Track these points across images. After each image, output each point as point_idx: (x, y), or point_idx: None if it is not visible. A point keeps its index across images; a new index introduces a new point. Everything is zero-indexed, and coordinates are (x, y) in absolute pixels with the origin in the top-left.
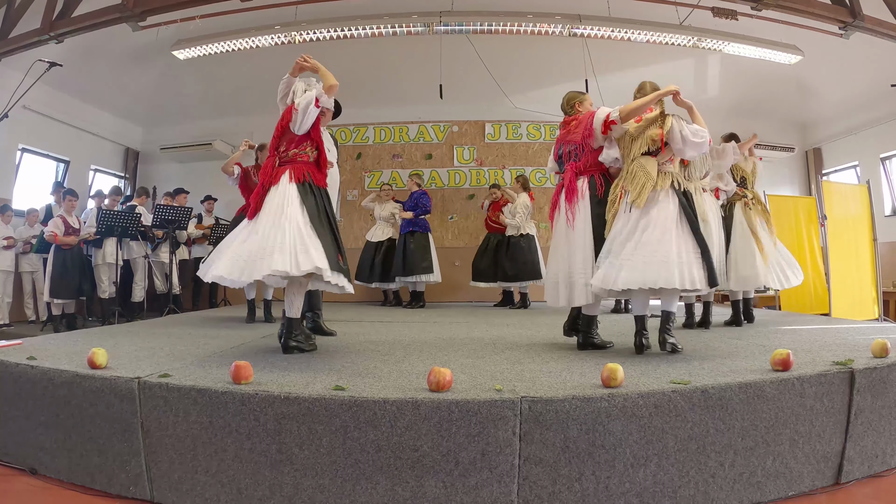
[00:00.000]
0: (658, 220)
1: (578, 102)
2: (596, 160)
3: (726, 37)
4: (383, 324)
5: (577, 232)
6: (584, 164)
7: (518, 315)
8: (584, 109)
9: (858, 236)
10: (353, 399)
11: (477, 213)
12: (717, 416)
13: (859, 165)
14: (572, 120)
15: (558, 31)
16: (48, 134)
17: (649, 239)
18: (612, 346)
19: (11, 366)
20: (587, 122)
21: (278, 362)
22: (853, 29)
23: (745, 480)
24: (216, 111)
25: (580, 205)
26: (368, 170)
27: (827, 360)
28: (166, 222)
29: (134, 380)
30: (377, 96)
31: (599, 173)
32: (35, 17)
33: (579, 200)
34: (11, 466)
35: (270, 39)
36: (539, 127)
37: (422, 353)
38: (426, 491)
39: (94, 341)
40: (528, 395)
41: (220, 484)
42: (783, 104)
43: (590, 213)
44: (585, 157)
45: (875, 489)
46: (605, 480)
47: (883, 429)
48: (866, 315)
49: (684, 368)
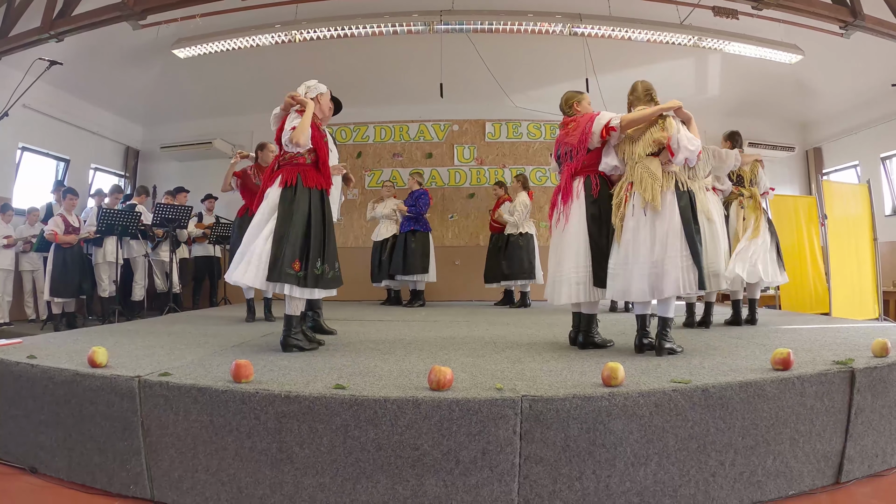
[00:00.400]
0: (663, 225)
1: (577, 102)
2: (592, 161)
3: (727, 36)
4: (384, 322)
5: (572, 232)
6: (580, 164)
7: (518, 314)
8: (583, 109)
9: (859, 236)
10: (353, 398)
11: (477, 212)
12: (718, 415)
13: (860, 165)
14: (571, 121)
15: (559, 30)
16: (48, 133)
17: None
18: (612, 344)
19: (12, 364)
20: (585, 124)
21: (279, 361)
22: (854, 28)
23: (746, 479)
24: (216, 110)
25: (575, 205)
26: (369, 168)
27: (827, 360)
28: (167, 221)
29: (134, 378)
30: (378, 95)
31: (595, 174)
32: (35, 16)
33: (574, 201)
34: (12, 465)
35: (271, 38)
36: (539, 126)
37: (422, 352)
38: (427, 490)
39: (95, 340)
40: (528, 394)
41: (221, 483)
42: (784, 104)
43: (585, 214)
44: (582, 158)
45: (875, 488)
46: (605, 479)
47: (883, 428)
48: (867, 315)
49: (685, 367)
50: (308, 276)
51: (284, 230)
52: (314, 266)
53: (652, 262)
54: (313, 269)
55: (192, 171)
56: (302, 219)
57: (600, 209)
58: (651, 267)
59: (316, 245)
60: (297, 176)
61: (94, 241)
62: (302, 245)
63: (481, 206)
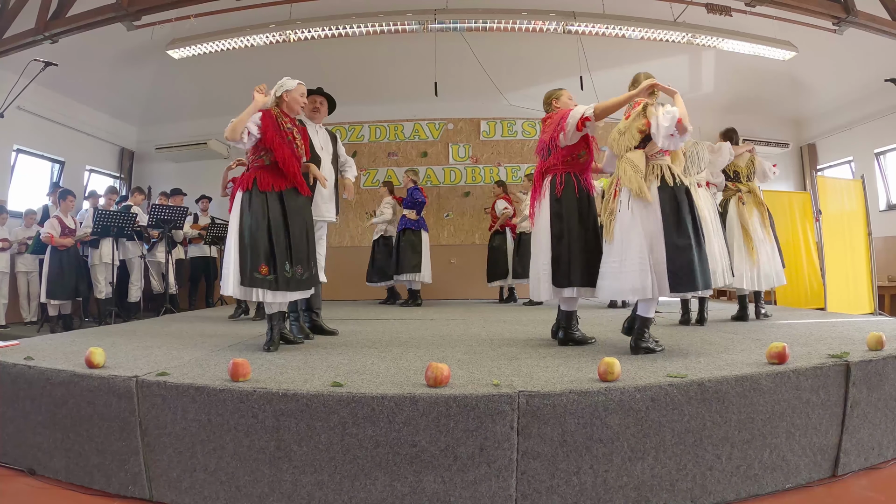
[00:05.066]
0: (654, 220)
1: (555, 99)
2: (561, 159)
3: (720, 33)
4: (380, 321)
5: (540, 230)
6: (550, 162)
7: (514, 311)
8: (562, 104)
9: (853, 231)
10: (351, 395)
11: (472, 210)
12: (714, 409)
13: (854, 161)
14: (548, 117)
15: (553, 28)
16: (43, 134)
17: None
18: (594, 341)
19: (9, 366)
20: (559, 119)
21: (276, 360)
22: (847, 24)
23: (743, 473)
24: (211, 110)
25: (543, 203)
26: (364, 168)
27: (823, 353)
28: (162, 222)
29: (132, 378)
30: (372, 94)
31: (563, 172)
32: (29, 18)
33: (542, 199)
34: (10, 467)
35: (265, 38)
36: (534, 124)
37: (419, 350)
38: (425, 486)
39: (92, 341)
40: (525, 390)
41: (219, 482)
42: (777, 100)
43: (549, 212)
44: (553, 155)
45: (871, 481)
46: (602, 474)
47: (879, 421)
48: (861, 310)
49: (681, 362)
50: (279, 279)
51: (246, 236)
52: (283, 269)
53: (642, 259)
54: (282, 271)
55: (187, 172)
56: (260, 223)
57: (563, 207)
58: (640, 264)
59: (280, 248)
60: (252, 180)
61: (90, 242)
62: (267, 249)
63: (477, 204)
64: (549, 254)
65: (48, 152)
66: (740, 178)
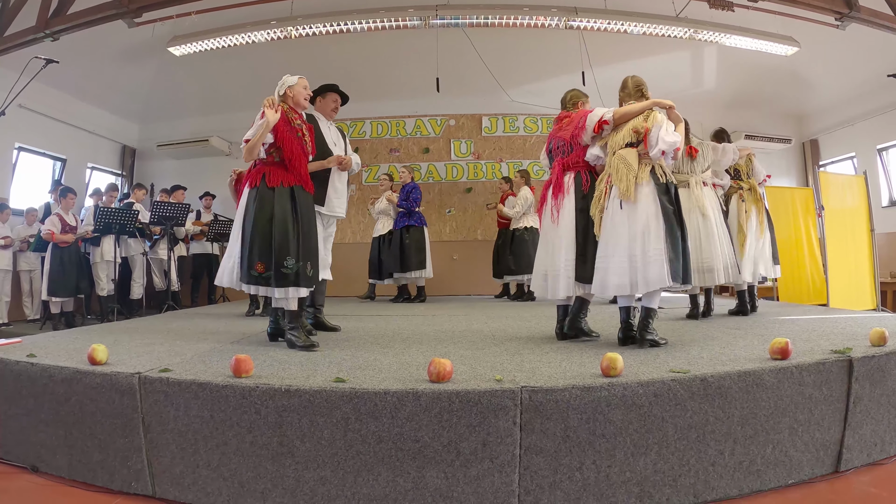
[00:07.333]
0: (641, 217)
1: (581, 102)
2: (584, 156)
3: (723, 28)
4: (383, 318)
5: (562, 227)
6: (572, 160)
7: (517, 307)
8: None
9: (856, 227)
10: (353, 391)
11: (474, 206)
12: (717, 404)
13: (856, 156)
14: (566, 116)
15: (555, 24)
16: (44, 132)
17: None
18: (597, 336)
19: (11, 363)
20: (579, 119)
21: (278, 356)
22: (849, 20)
23: (745, 468)
24: (213, 107)
25: (565, 200)
26: (366, 164)
27: (825, 349)
28: (164, 219)
29: (134, 375)
30: (374, 91)
31: (586, 170)
32: (30, 15)
33: (565, 196)
34: (12, 464)
35: (267, 35)
36: (536, 120)
37: (422, 345)
38: (427, 482)
39: (94, 338)
40: (528, 385)
41: (222, 478)
42: (780, 96)
43: (574, 209)
44: (574, 153)
45: (874, 477)
46: (605, 469)
47: (881, 417)
48: (864, 305)
49: (683, 357)
50: (275, 276)
51: (248, 232)
52: (281, 265)
53: (630, 256)
54: (280, 268)
55: (188, 169)
56: (264, 220)
57: (589, 205)
58: (629, 261)
59: (282, 244)
60: (261, 176)
61: (91, 240)
62: (264, 246)
63: (478, 200)
64: (573, 250)
65: (50, 150)
66: (741, 176)
